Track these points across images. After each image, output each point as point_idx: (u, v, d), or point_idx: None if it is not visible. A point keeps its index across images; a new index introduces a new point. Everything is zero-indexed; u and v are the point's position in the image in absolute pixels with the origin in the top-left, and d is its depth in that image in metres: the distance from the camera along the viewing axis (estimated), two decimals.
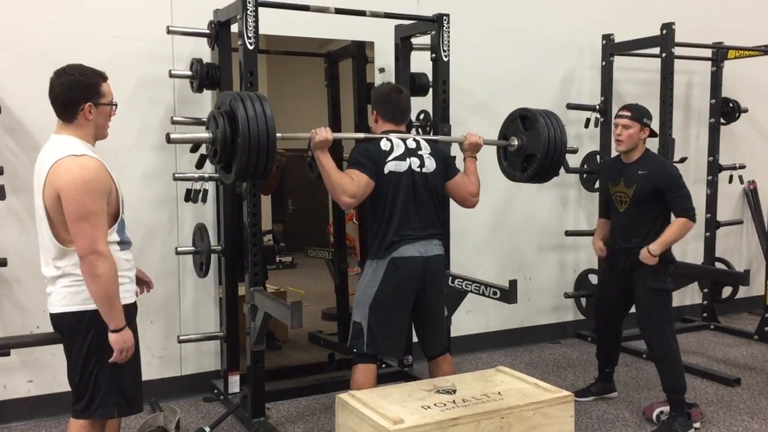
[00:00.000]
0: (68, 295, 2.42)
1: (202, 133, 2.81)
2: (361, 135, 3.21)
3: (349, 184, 2.97)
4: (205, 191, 3.76)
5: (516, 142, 3.49)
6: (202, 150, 3.46)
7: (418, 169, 3.11)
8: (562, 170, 4.94)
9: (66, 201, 2.30)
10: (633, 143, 3.60)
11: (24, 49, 3.62)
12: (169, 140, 2.75)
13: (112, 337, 2.41)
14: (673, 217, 3.58)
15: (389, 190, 3.05)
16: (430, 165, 3.15)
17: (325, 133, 2.97)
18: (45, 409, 3.75)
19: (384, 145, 3.09)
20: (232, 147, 2.71)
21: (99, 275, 2.32)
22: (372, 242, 3.13)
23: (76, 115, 2.42)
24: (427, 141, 3.24)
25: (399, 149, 3.10)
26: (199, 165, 3.02)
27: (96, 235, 2.32)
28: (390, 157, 3.07)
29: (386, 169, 3.05)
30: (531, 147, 3.43)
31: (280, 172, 4.50)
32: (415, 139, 3.18)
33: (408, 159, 3.10)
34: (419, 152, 3.15)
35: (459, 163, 3.41)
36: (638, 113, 3.61)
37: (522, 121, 3.48)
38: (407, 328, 3.30)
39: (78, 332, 2.43)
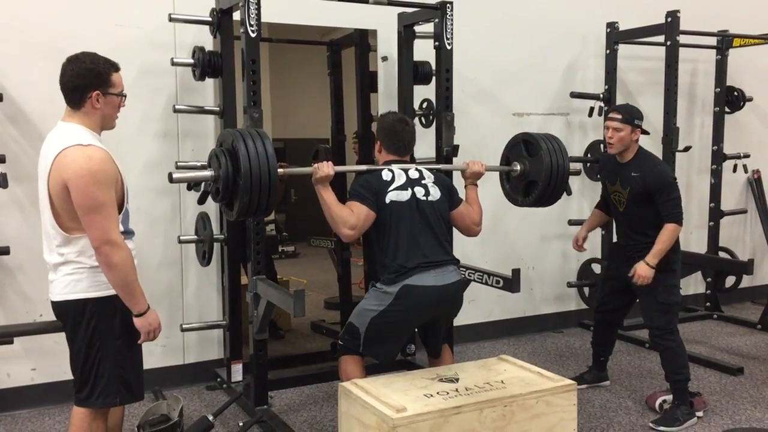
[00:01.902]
0: (71, 283, 2.42)
1: (205, 172, 2.78)
2: (364, 167, 3.23)
3: (348, 216, 2.97)
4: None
5: (518, 168, 3.47)
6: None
7: (424, 198, 3.10)
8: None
9: (75, 192, 2.30)
10: (624, 145, 3.58)
11: (26, 38, 3.61)
12: (171, 180, 2.73)
13: (137, 322, 2.46)
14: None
15: (392, 220, 3.03)
16: (435, 193, 3.14)
17: (327, 169, 2.95)
18: (49, 397, 3.76)
19: (385, 175, 3.09)
20: (234, 185, 2.70)
21: (115, 264, 2.34)
22: (381, 272, 3.07)
23: (84, 102, 2.42)
24: (430, 170, 3.24)
25: (400, 179, 3.09)
26: (201, 201, 3.03)
27: (108, 225, 2.32)
28: (391, 187, 3.06)
29: (387, 199, 3.04)
30: (533, 173, 3.40)
31: (284, 185, 4.51)
32: (417, 169, 3.18)
33: (410, 188, 3.09)
34: (423, 181, 3.14)
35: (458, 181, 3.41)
36: (629, 115, 3.57)
37: (525, 145, 3.46)
38: (406, 341, 3.29)
39: (80, 320, 2.43)
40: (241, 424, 3.48)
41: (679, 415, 3.50)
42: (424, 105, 4.41)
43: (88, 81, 2.40)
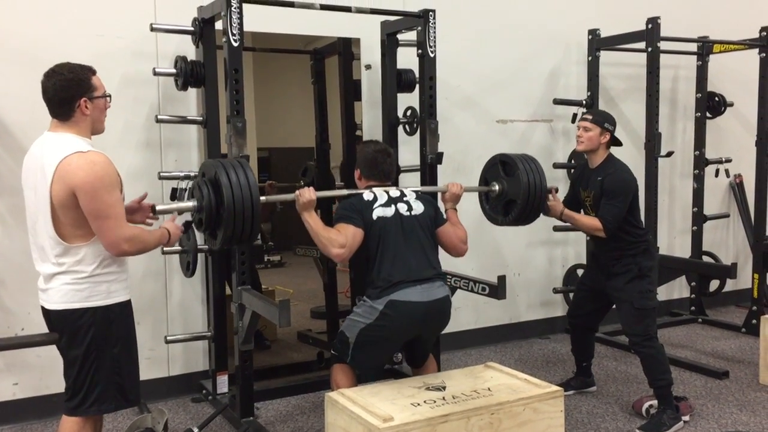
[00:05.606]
0: (70, 292, 2.43)
1: (188, 203, 2.82)
2: (345, 191, 3.30)
3: (336, 236, 3.00)
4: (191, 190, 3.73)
5: (497, 188, 3.54)
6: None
7: (407, 213, 3.14)
8: (549, 166, 5.00)
9: (85, 199, 2.33)
10: (593, 145, 3.65)
11: (5, 48, 3.58)
12: (154, 212, 2.77)
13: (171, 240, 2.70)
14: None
15: (380, 235, 3.06)
16: (418, 207, 3.18)
17: (309, 195, 2.99)
18: (31, 411, 3.70)
19: (367, 196, 3.14)
20: (218, 216, 2.72)
21: (136, 252, 2.49)
22: (367, 288, 3.08)
23: (73, 112, 2.43)
24: (411, 189, 3.28)
25: (382, 198, 3.14)
26: (186, 229, 3.06)
27: (118, 227, 2.40)
28: (375, 205, 3.11)
29: (374, 215, 3.08)
30: (512, 193, 3.47)
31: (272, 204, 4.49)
32: (398, 189, 3.23)
33: (393, 205, 3.13)
34: (404, 198, 3.18)
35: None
36: (600, 117, 3.69)
37: (502, 166, 3.52)
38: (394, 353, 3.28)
39: (79, 329, 2.44)
40: None
41: (665, 420, 3.51)
42: (408, 113, 4.41)
43: (72, 91, 2.42)
